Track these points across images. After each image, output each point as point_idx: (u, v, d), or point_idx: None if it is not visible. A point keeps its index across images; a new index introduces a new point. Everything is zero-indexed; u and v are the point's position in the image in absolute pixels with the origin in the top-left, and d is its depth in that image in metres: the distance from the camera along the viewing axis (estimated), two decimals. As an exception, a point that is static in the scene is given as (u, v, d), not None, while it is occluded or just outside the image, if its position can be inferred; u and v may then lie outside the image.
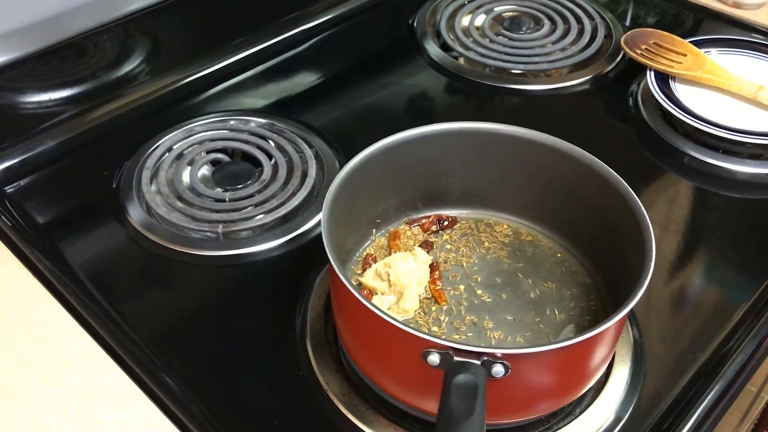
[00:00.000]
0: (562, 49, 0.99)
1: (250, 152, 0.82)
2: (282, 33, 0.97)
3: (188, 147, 0.82)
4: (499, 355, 0.48)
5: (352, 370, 0.61)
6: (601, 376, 0.61)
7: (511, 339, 0.62)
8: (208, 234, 0.73)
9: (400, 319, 0.59)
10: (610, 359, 0.61)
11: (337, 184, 0.60)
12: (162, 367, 0.62)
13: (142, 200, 0.76)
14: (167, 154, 0.81)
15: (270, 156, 0.81)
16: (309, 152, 0.81)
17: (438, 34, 1.02)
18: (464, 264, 0.68)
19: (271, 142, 0.83)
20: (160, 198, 0.76)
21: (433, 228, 0.71)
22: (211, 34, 0.96)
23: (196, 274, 0.71)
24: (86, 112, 0.84)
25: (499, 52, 0.98)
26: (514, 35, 1.01)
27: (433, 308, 0.64)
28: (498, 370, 0.49)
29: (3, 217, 0.74)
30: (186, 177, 0.79)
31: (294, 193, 0.77)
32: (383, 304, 0.63)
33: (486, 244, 0.70)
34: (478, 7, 1.06)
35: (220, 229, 0.73)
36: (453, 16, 1.05)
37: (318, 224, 0.73)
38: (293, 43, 0.98)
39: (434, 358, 0.49)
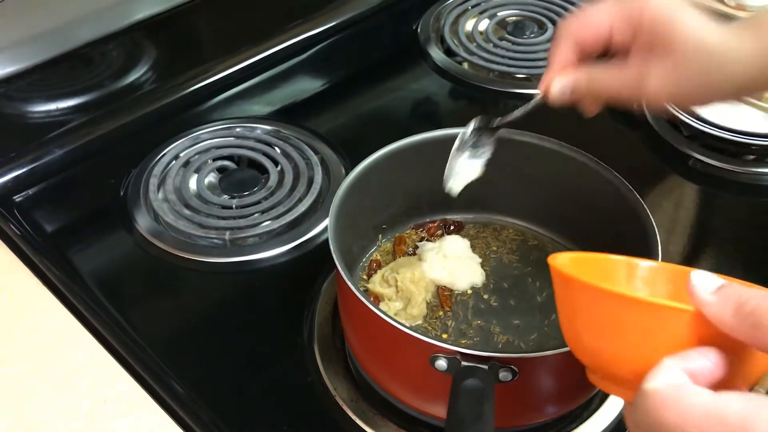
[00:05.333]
0: (566, 53, 0.99)
1: (257, 159, 0.82)
2: (287, 40, 0.97)
3: (195, 155, 0.82)
4: (507, 359, 0.49)
5: (360, 375, 0.62)
6: (608, 380, 0.61)
7: (519, 343, 0.62)
8: (216, 241, 0.74)
9: (408, 325, 0.60)
10: (617, 362, 0.61)
11: (344, 190, 0.60)
12: (171, 373, 0.62)
13: (149, 208, 0.76)
14: (174, 161, 0.81)
15: (276, 163, 0.81)
16: (315, 158, 0.82)
17: (442, 40, 1.02)
18: (471, 268, 0.68)
19: (276, 148, 0.83)
20: (167, 205, 0.77)
21: (439, 233, 0.71)
22: (216, 41, 0.96)
23: (204, 281, 0.71)
24: (93, 121, 0.85)
25: (503, 57, 0.98)
26: (518, 39, 1.01)
27: (441, 313, 0.64)
28: (505, 375, 0.49)
29: (12, 226, 0.74)
30: (193, 184, 0.79)
31: (300, 200, 0.77)
32: (390, 310, 0.63)
33: (493, 248, 0.70)
34: (481, 12, 1.07)
35: (227, 235, 0.73)
36: (456, 21, 1.05)
37: (324, 230, 0.74)
38: (298, 50, 0.98)
39: (442, 363, 0.49)
